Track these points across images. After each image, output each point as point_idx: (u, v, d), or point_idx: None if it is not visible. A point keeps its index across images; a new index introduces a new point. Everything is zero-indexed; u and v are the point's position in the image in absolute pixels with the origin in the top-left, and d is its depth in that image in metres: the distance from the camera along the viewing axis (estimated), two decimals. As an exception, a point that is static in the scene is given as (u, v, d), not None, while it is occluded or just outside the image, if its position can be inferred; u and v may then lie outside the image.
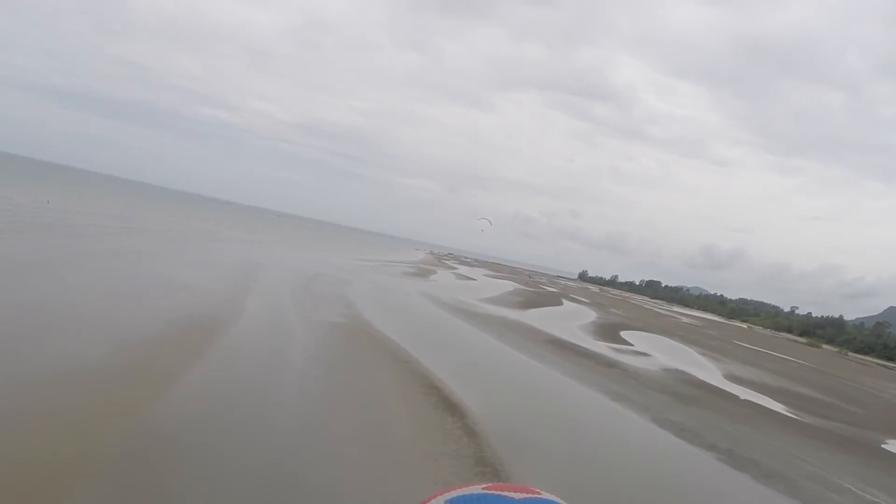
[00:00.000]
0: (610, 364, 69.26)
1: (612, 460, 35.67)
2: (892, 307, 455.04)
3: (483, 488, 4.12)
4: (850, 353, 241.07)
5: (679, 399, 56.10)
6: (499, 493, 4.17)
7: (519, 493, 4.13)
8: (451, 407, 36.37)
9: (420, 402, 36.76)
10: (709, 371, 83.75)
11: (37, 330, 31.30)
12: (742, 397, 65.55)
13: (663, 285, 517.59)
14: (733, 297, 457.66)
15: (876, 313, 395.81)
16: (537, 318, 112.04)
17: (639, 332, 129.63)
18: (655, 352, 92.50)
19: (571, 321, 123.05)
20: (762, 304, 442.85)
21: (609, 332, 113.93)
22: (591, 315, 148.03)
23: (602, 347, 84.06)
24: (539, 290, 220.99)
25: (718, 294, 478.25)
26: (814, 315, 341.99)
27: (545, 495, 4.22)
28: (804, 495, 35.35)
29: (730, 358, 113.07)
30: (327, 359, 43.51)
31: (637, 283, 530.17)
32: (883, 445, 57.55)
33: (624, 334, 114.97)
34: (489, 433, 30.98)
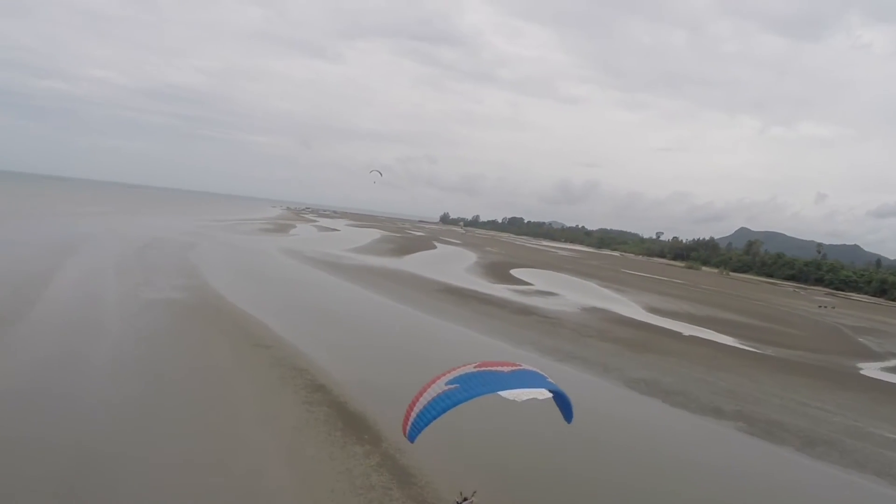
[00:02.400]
0: (524, 311, 64.04)
1: (622, 455, 26.71)
2: (743, 227, 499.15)
3: (475, 367, 14.65)
4: (731, 273, 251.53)
5: (627, 346, 50.27)
6: (489, 368, 14.85)
7: (506, 367, 15.09)
8: (351, 423, 25.80)
9: (300, 418, 25.72)
10: (626, 305, 79.47)
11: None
12: (685, 333, 61.85)
13: (525, 221, 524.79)
14: (594, 228, 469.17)
15: (728, 234, 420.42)
16: (417, 264, 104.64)
17: (527, 269, 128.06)
18: (559, 289, 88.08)
19: (454, 264, 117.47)
20: (623, 232, 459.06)
21: (499, 272, 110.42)
22: (470, 256, 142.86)
23: (503, 291, 79.47)
24: (407, 234, 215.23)
25: (580, 226, 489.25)
26: (680, 239, 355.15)
27: (527, 367, 15.40)
28: (871, 462, 29.33)
29: (633, 288, 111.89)
30: (152, 366, 30.63)
31: (500, 221, 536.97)
32: (861, 372, 54.87)
33: (515, 273, 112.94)
34: (430, 469, 21.40)
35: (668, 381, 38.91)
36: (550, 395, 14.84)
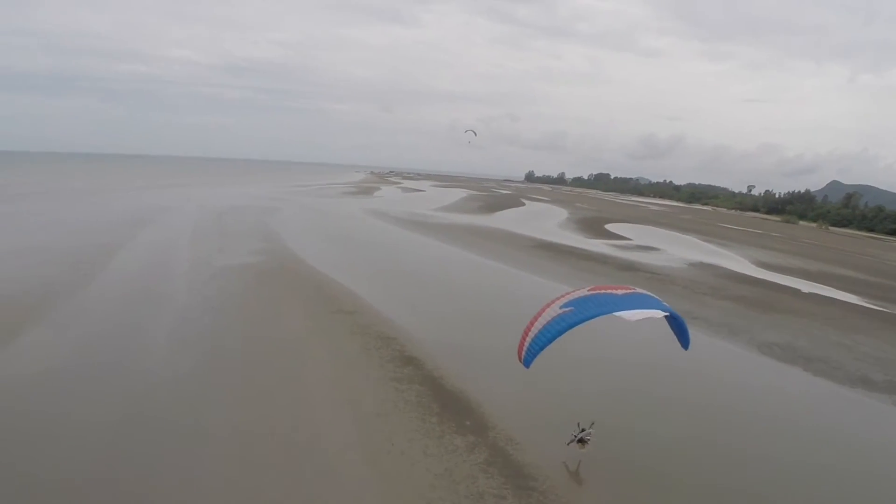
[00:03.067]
0: (629, 266, 58.46)
1: (766, 426, 22.03)
2: (834, 181, 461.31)
3: (588, 290, 15.23)
4: (830, 228, 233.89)
5: (747, 305, 44.38)
6: (603, 291, 15.15)
7: (620, 290, 15.56)
8: (449, 405, 20.91)
9: (386, 399, 20.90)
10: (734, 260, 71.72)
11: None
12: (804, 290, 54.66)
13: (612, 177, 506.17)
14: (681, 183, 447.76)
15: (819, 188, 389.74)
16: (507, 220, 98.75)
17: (623, 223, 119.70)
18: (659, 244, 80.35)
19: (546, 220, 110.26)
20: (711, 186, 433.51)
21: (594, 227, 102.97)
22: (561, 212, 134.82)
23: (601, 246, 72.91)
24: (493, 193, 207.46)
25: (667, 181, 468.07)
26: (773, 193, 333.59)
27: (640, 290, 15.86)
28: None
29: (735, 242, 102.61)
30: (216, 339, 26.88)
31: (586, 178, 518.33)
32: None
33: (611, 227, 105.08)
34: (551, 468, 16.97)
35: (803, 344, 33.18)
36: (665, 315, 14.65)
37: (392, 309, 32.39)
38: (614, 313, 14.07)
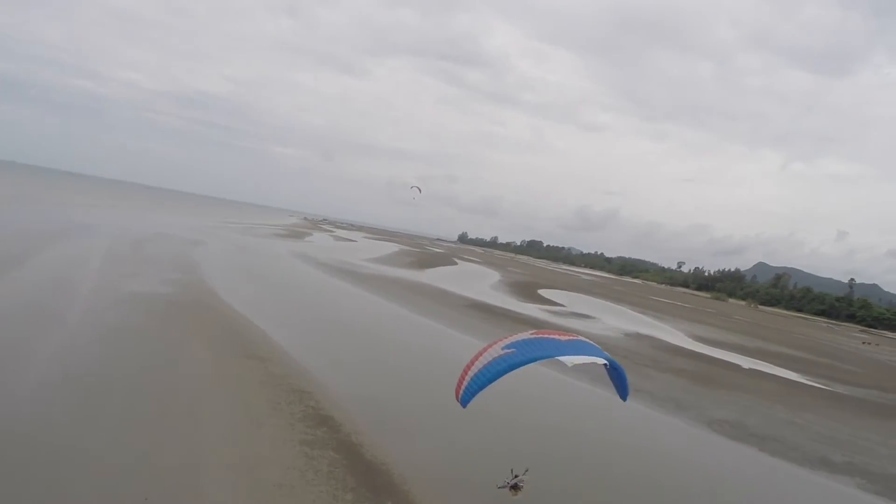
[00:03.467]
0: (565, 334, 54.54)
1: None
2: (761, 262, 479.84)
3: (531, 334, 12.46)
4: (759, 306, 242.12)
5: (690, 379, 42.29)
6: (546, 335, 12.62)
7: (563, 336, 12.64)
8: (368, 478, 17.56)
9: (293, 467, 17.26)
10: (670, 333, 71.37)
11: None
12: (744, 366, 53.88)
13: (545, 245, 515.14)
14: (612, 256, 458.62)
15: (747, 268, 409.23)
16: (439, 278, 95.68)
17: (556, 290, 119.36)
18: (594, 312, 79.57)
19: (478, 281, 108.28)
20: (641, 261, 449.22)
21: (526, 291, 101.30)
22: (494, 274, 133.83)
23: (535, 311, 70.75)
24: (426, 250, 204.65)
25: (598, 252, 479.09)
26: (703, 270, 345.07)
27: (583, 338, 12.43)
28: None
29: (669, 315, 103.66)
30: (100, 372, 22.68)
31: (519, 244, 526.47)
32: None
33: (544, 293, 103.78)
34: None
35: (754, 422, 32.02)
36: (606, 363, 14.11)
37: (311, 359, 29.00)
38: (558, 358, 13.38)
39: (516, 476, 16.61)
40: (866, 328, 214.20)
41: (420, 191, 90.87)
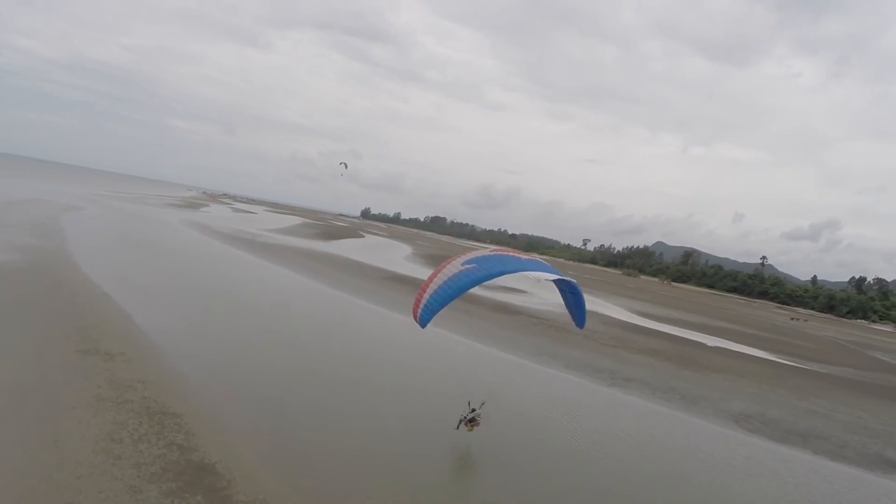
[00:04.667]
0: (505, 309, 51.63)
1: None
2: (659, 241, 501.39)
3: (491, 251, 14.86)
4: (673, 283, 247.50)
5: (669, 361, 38.66)
6: (506, 252, 15.04)
7: (523, 255, 15.54)
8: None
9: None
10: (610, 308, 69.10)
11: None
12: (709, 344, 51.41)
13: (448, 221, 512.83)
14: (516, 233, 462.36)
15: (646, 247, 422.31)
16: (348, 250, 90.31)
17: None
18: (521, 286, 72.39)
19: (390, 253, 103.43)
20: (544, 238, 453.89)
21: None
22: (404, 247, 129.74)
23: None
24: (330, 224, 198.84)
25: (502, 229, 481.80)
26: (609, 247, 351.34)
27: (540, 259, 20.39)
28: None
29: (598, 290, 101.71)
30: None
31: (422, 220, 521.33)
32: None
33: None
34: None
35: (777, 415, 27.73)
36: (572, 282, 14.66)
37: (186, 351, 21.58)
38: (518, 272, 13.58)
39: (473, 409, 16.91)
40: (780, 305, 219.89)
41: (346, 166, 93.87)
